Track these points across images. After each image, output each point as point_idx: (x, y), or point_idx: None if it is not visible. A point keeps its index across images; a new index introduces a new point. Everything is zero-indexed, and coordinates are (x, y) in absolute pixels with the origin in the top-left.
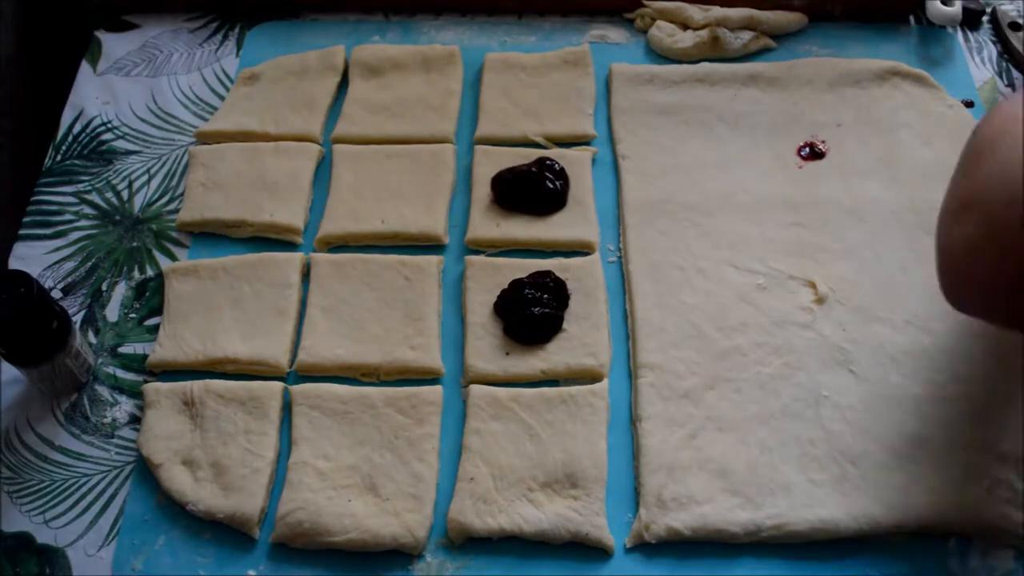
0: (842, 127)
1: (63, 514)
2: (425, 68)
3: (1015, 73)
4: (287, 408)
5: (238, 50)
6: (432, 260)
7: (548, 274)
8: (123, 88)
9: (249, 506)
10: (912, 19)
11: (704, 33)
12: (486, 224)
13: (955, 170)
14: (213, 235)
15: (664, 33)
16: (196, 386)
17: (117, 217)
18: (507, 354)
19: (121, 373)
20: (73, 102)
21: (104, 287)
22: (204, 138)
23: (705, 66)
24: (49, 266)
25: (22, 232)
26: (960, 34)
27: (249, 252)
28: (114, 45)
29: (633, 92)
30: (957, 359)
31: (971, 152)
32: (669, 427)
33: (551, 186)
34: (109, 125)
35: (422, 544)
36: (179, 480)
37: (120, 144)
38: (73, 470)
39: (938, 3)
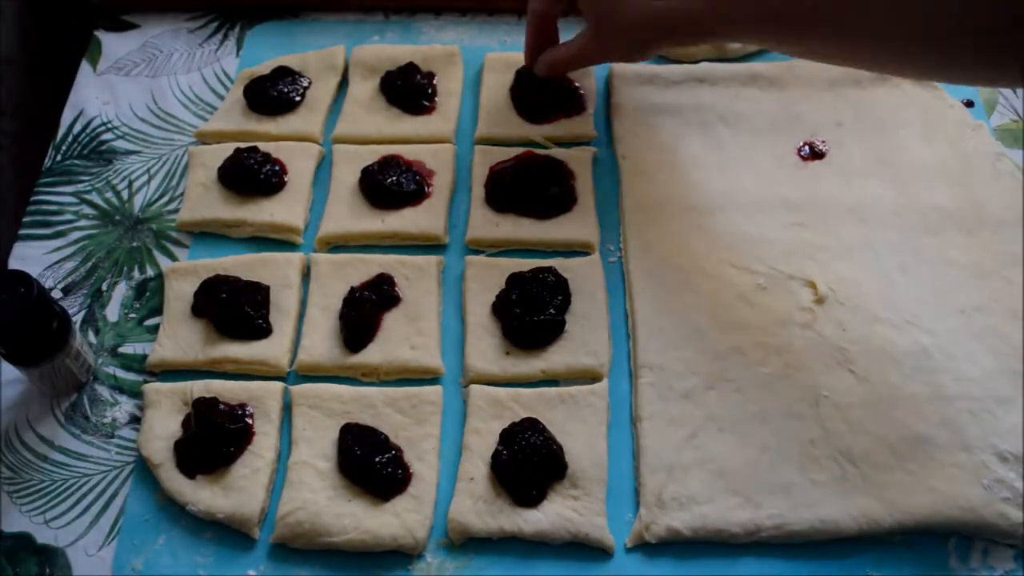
0: (842, 127)
1: (63, 514)
2: (425, 68)
3: None
4: (287, 408)
5: (238, 50)
6: (432, 260)
7: (549, 271)
8: (123, 88)
9: (249, 506)
10: None
11: None
12: (486, 224)
13: None
14: (213, 235)
15: None
16: (196, 386)
17: (117, 217)
18: (507, 354)
19: (121, 373)
20: (73, 102)
21: (104, 287)
22: (204, 138)
23: (705, 66)
24: (49, 266)
25: (22, 232)
26: None
27: (249, 252)
28: (114, 45)
29: (633, 92)
30: (957, 359)
31: None
32: (669, 427)
33: (551, 186)
34: (109, 125)
35: (422, 544)
36: (179, 480)
37: (120, 144)
38: (73, 470)
39: None
